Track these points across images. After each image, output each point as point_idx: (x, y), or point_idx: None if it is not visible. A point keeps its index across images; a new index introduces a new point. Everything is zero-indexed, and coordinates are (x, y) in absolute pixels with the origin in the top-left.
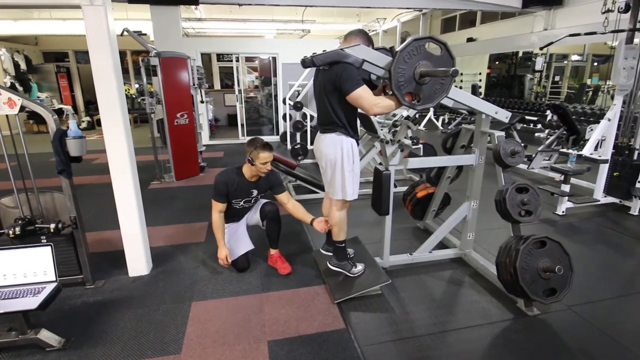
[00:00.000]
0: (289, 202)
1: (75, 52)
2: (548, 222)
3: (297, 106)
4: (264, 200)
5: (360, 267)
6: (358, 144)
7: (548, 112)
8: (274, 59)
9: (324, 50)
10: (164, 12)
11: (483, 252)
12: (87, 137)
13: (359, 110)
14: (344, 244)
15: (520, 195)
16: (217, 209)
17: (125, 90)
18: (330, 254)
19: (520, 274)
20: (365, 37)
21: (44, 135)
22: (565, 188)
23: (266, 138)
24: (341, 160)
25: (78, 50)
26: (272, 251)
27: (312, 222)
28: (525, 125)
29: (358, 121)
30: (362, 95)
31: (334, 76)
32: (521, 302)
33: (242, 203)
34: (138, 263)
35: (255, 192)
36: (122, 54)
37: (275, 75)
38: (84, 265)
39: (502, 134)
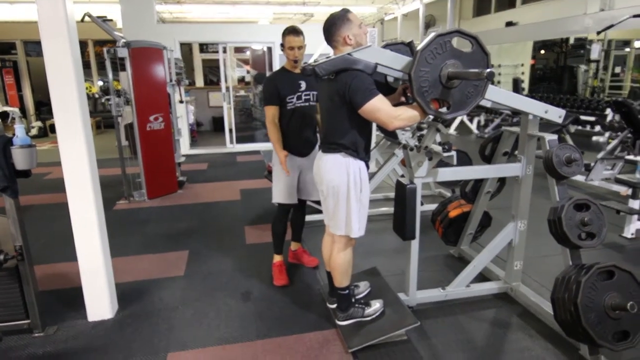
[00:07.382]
0: None
1: (24, 42)
2: (614, 247)
3: None
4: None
5: (377, 304)
6: (368, 168)
7: (608, 110)
8: (270, 49)
9: (327, 57)
10: None
11: (535, 286)
12: (37, 147)
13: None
14: (348, 291)
15: (579, 214)
16: (271, 113)
17: (87, 89)
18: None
19: (582, 312)
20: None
21: None
22: (634, 204)
23: (261, 146)
24: (347, 187)
25: (28, 40)
26: (295, 245)
27: None
28: (580, 127)
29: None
30: (379, 108)
31: (341, 86)
32: (585, 349)
33: (294, 100)
34: (100, 304)
35: (303, 85)
36: (83, 45)
37: (271, 69)
38: (31, 307)
39: (555, 137)
